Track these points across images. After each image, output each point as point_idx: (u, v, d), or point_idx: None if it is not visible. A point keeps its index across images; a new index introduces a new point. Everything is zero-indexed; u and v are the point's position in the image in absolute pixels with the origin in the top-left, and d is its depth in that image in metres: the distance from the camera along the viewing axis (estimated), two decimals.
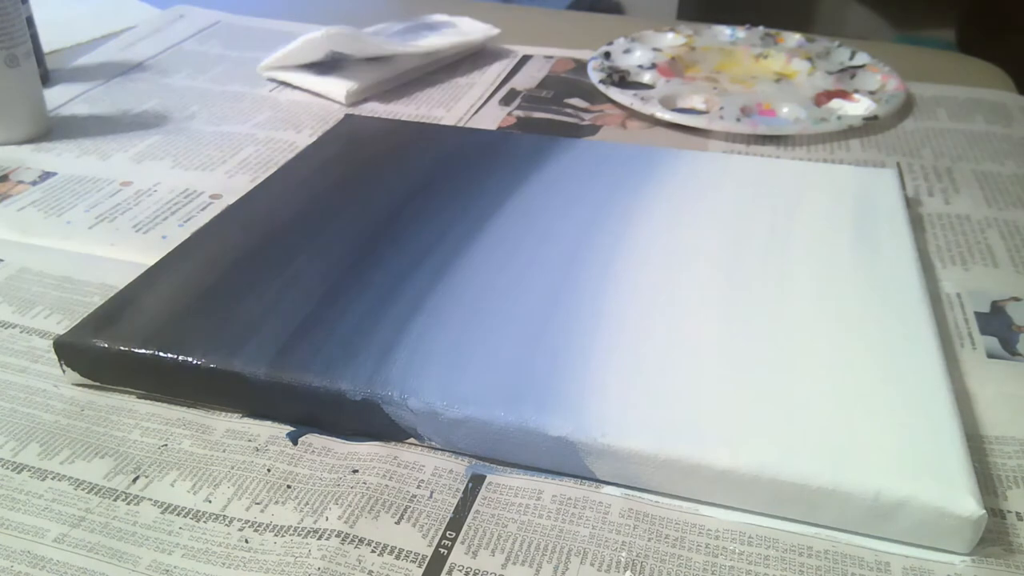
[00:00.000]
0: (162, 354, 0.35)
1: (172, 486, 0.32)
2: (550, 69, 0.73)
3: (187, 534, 0.30)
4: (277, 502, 0.31)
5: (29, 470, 0.33)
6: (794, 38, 0.76)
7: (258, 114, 0.64)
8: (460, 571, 0.29)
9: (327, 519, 0.31)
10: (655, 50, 0.74)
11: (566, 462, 0.32)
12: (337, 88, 0.65)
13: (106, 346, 0.36)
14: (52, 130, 0.61)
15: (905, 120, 0.64)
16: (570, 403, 0.33)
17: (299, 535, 0.30)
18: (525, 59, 0.75)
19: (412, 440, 0.34)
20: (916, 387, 0.33)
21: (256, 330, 0.37)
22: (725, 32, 0.77)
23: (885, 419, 0.32)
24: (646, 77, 0.69)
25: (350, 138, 0.55)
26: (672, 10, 1.76)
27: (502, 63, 0.74)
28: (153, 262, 0.42)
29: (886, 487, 0.29)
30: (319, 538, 0.30)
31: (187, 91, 0.68)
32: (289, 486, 0.32)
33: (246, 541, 0.30)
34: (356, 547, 0.30)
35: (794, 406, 0.33)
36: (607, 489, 0.32)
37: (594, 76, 0.68)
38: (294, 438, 0.34)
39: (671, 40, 0.76)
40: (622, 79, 0.69)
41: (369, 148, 0.54)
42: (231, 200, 0.52)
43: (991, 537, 0.30)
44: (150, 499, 0.32)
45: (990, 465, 0.33)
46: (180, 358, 0.35)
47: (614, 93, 0.65)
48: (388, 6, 0.92)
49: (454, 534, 0.30)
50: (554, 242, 0.43)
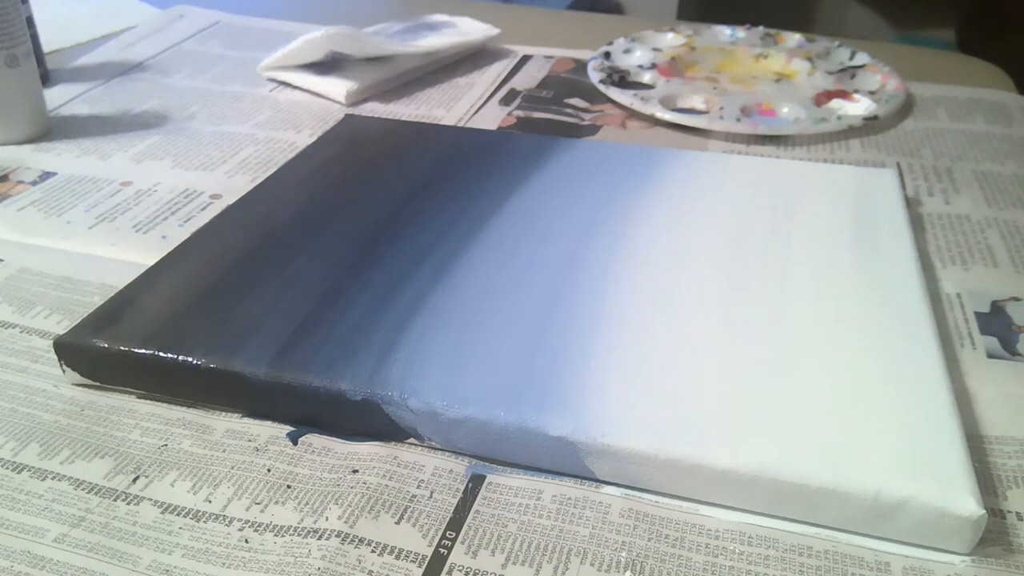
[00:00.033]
0: (162, 354, 0.35)
1: (172, 486, 0.32)
2: (550, 69, 0.73)
3: (187, 534, 0.30)
4: (277, 502, 0.31)
5: (29, 470, 0.33)
6: (794, 38, 0.76)
7: (258, 114, 0.64)
8: (460, 571, 0.29)
9: (327, 519, 0.31)
10: (655, 50, 0.74)
11: (566, 462, 0.32)
12: (337, 88, 0.65)
13: (106, 346, 0.36)
14: (52, 130, 0.61)
15: (905, 120, 0.64)
16: (570, 403, 0.33)
17: (299, 535, 0.30)
18: (525, 59, 0.75)
19: (412, 440, 0.34)
20: (916, 387, 0.33)
21: (256, 330, 0.37)
22: (725, 32, 0.77)
23: (885, 419, 0.32)
24: (646, 77, 0.69)
25: (350, 138, 0.55)
26: (672, 10, 1.76)
27: (502, 63, 0.74)
28: (153, 262, 0.42)
29: (886, 487, 0.29)
30: (319, 538, 0.30)
31: (187, 91, 0.68)
32: (289, 486, 0.32)
33: (246, 541, 0.30)
34: (356, 547, 0.30)
35: (794, 406, 0.33)
36: (607, 489, 0.32)
37: (594, 76, 0.68)
38: (294, 438, 0.34)
39: (671, 40, 0.76)
40: (622, 79, 0.69)
41: (369, 148, 0.54)
42: (231, 200, 0.52)
43: (991, 537, 0.30)
44: (150, 499, 0.32)
45: (990, 465, 0.33)
46: (180, 358, 0.35)
47: (614, 93, 0.65)
48: (388, 6, 0.92)
49: (454, 534, 0.30)
50: (554, 242, 0.43)
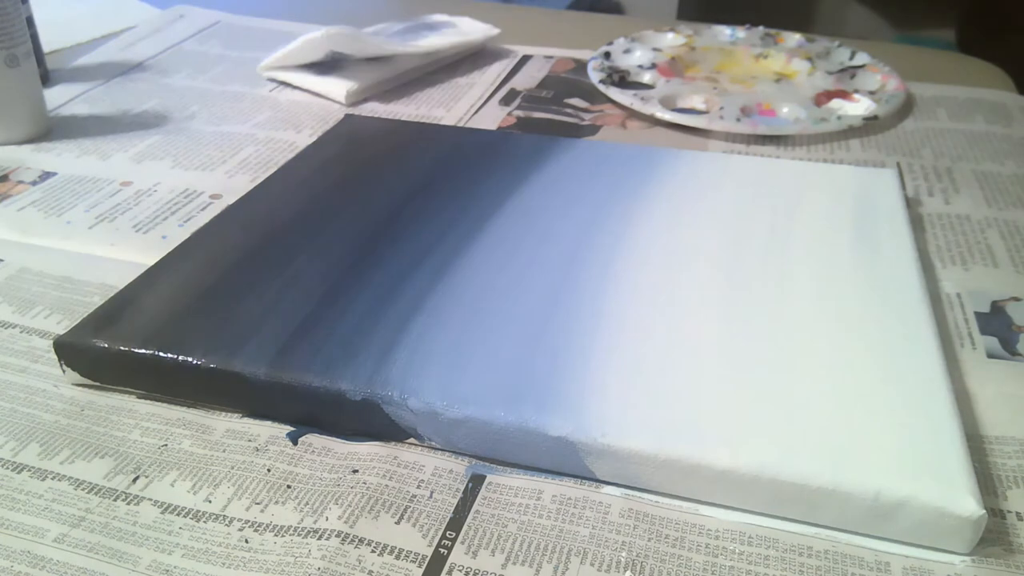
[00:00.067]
0: (162, 354, 0.35)
1: (172, 486, 0.32)
2: (550, 69, 0.73)
3: (187, 534, 0.30)
4: (277, 502, 0.31)
5: (29, 470, 0.33)
6: (794, 38, 0.76)
7: (258, 114, 0.64)
8: (460, 571, 0.29)
9: (327, 519, 0.31)
10: (655, 50, 0.74)
11: (566, 462, 0.32)
12: (337, 88, 0.65)
13: (106, 346, 0.36)
14: (52, 130, 0.61)
15: (905, 120, 0.64)
16: (570, 403, 0.33)
17: (299, 535, 0.30)
18: (525, 59, 0.75)
19: (412, 440, 0.34)
20: (916, 387, 0.33)
21: (256, 330, 0.37)
22: (725, 32, 0.77)
23: (885, 419, 0.32)
24: (646, 77, 0.69)
25: (350, 138, 0.55)
26: (672, 10, 1.76)
27: (502, 63, 0.74)
28: (153, 262, 0.42)
29: (886, 487, 0.29)
30: (319, 538, 0.30)
31: (187, 91, 0.68)
32: (289, 486, 0.32)
33: (246, 541, 0.30)
34: (356, 547, 0.30)
35: (794, 406, 0.33)
36: (607, 489, 0.32)
37: (594, 76, 0.68)
38: (294, 438, 0.34)
39: (671, 40, 0.76)
40: (622, 79, 0.69)
41: (369, 148, 0.54)
42: (231, 200, 0.52)
43: (991, 537, 0.30)
44: (150, 499, 0.32)
45: (990, 465, 0.33)
46: (180, 358, 0.35)
47: (614, 93, 0.65)
48: (388, 6, 0.92)
49: (454, 534, 0.30)
50: (554, 242, 0.43)
